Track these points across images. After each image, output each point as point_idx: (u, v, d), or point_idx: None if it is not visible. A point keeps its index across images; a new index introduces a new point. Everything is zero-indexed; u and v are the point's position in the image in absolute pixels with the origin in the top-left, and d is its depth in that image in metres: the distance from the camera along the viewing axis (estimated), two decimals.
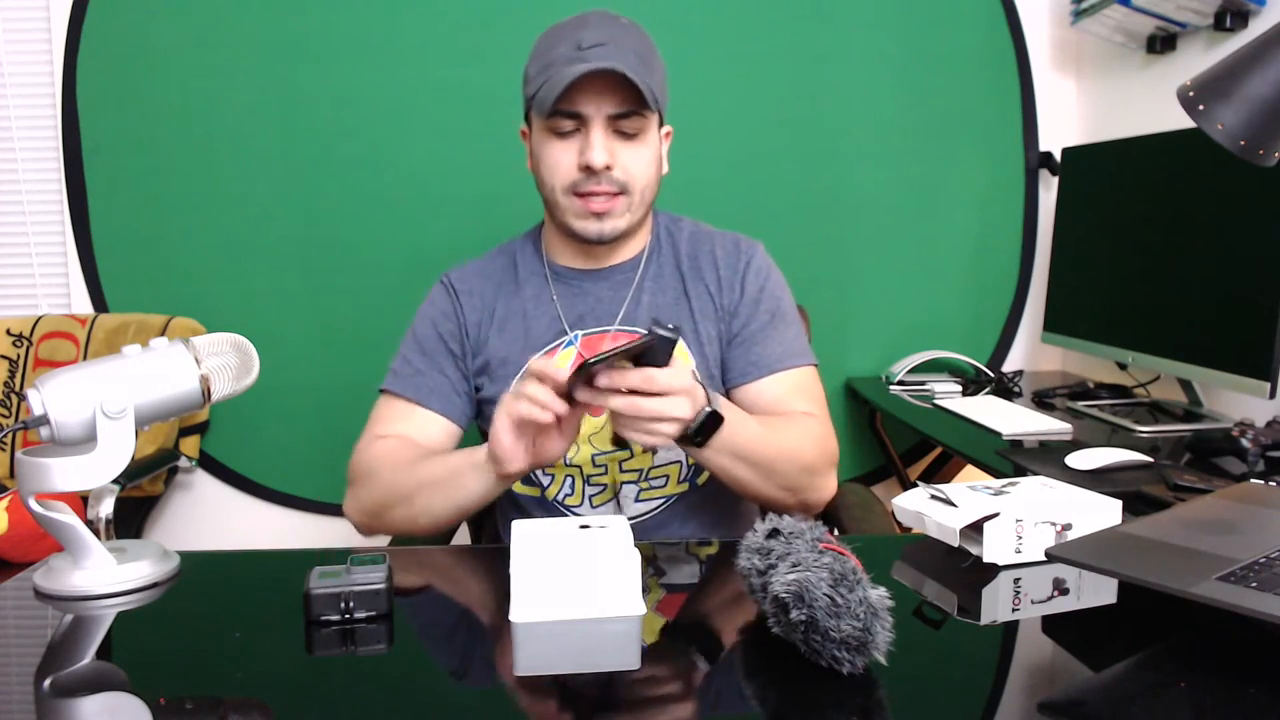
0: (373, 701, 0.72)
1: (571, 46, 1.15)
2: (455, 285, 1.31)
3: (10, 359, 2.05)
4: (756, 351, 1.26)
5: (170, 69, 2.06)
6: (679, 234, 1.32)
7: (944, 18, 2.13)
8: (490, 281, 1.31)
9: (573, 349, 1.26)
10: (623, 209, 1.20)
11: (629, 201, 1.20)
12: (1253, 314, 1.44)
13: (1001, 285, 2.24)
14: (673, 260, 1.30)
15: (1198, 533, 0.85)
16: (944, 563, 0.95)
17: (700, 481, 1.27)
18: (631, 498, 1.26)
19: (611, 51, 1.14)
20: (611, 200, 1.19)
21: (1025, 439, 1.56)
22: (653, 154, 1.22)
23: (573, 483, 1.26)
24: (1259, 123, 0.89)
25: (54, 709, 0.71)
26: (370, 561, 0.87)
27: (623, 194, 1.20)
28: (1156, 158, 1.71)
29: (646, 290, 1.28)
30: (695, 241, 1.31)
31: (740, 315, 1.27)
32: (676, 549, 1.06)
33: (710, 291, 1.28)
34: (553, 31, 1.21)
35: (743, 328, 1.27)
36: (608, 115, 1.16)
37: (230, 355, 0.98)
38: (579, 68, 1.13)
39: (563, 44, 1.17)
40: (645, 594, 0.88)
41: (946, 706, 0.71)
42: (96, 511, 1.55)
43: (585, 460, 1.24)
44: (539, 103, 1.17)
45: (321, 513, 2.21)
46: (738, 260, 1.29)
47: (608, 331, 1.27)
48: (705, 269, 1.29)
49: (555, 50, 1.17)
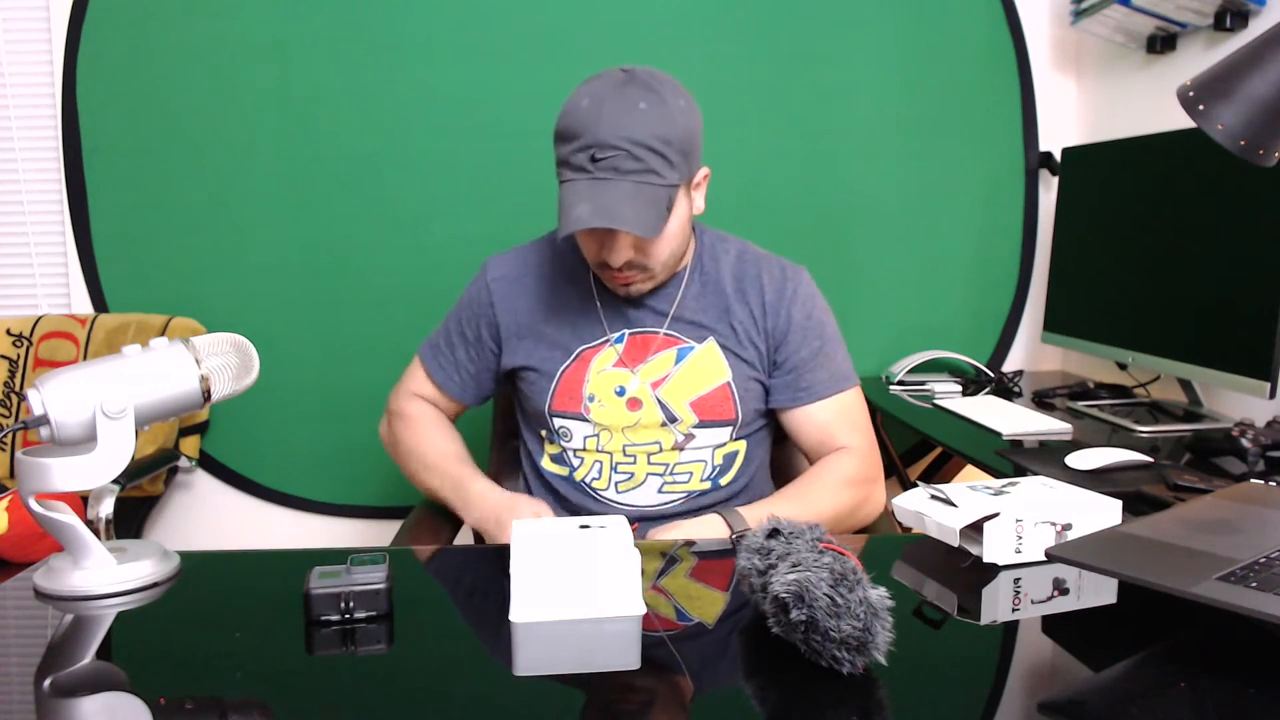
0: (373, 701, 0.72)
1: (585, 155, 1.15)
2: (491, 276, 1.39)
3: (10, 359, 2.05)
4: (807, 379, 1.33)
5: (170, 69, 2.06)
6: (724, 253, 1.37)
7: (944, 18, 2.13)
8: (533, 272, 1.38)
9: (616, 349, 1.32)
10: (645, 279, 1.28)
11: (651, 274, 1.27)
12: (1253, 314, 1.44)
13: (1001, 285, 2.24)
14: (716, 276, 1.36)
15: (1198, 533, 0.85)
16: (944, 563, 0.95)
17: (724, 482, 1.34)
18: (654, 489, 1.32)
19: (624, 161, 1.15)
20: (633, 277, 1.26)
21: (1025, 439, 1.56)
22: (677, 229, 1.25)
23: (601, 467, 1.32)
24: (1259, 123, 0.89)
25: (54, 709, 0.71)
26: (370, 561, 0.87)
27: (644, 271, 1.26)
28: (1156, 158, 1.71)
29: (691, 302, 1.34)
30: (742, 263, 1.37)
31: (790, 343, 1.33)
32: (676, 549, 1.06)
33: (754, 314, 1.34)
34: (574, 111, 1.18)
35: (793, 353, 1.33)
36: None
37: (230, 355, 0.98)
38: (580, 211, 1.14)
39: (580, 142, 1.16)
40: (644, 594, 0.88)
41: (946, 706, 0.71)
42: (96, 511, 1.54)
43: (616, 449, 1.31)
44: (559, 209, 1.18)
45: (321, 513, 2.21)
46: (784, 286, 1.34)
47: (655, 335, 1.32)
48: (750, 291, 1.34)
49: (571, 148, 1.17)
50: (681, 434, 1.31)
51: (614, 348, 1.32)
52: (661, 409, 1.30)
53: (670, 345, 1.32)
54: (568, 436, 1.34)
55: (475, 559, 1.15)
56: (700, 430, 1.31)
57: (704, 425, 1.31)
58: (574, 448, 1.33)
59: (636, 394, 1.30)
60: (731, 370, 1.32)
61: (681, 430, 1.31)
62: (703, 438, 1.32)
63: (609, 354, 1.32)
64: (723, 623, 0.87)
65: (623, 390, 1.30)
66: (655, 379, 1.30)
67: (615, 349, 1.32)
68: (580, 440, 1.33)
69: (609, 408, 1.31)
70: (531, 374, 1.35)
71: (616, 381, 1.31)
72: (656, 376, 1.31)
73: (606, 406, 1.31)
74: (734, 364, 1.32)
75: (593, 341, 1.33)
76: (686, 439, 1.31)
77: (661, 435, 1.31)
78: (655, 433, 1.31)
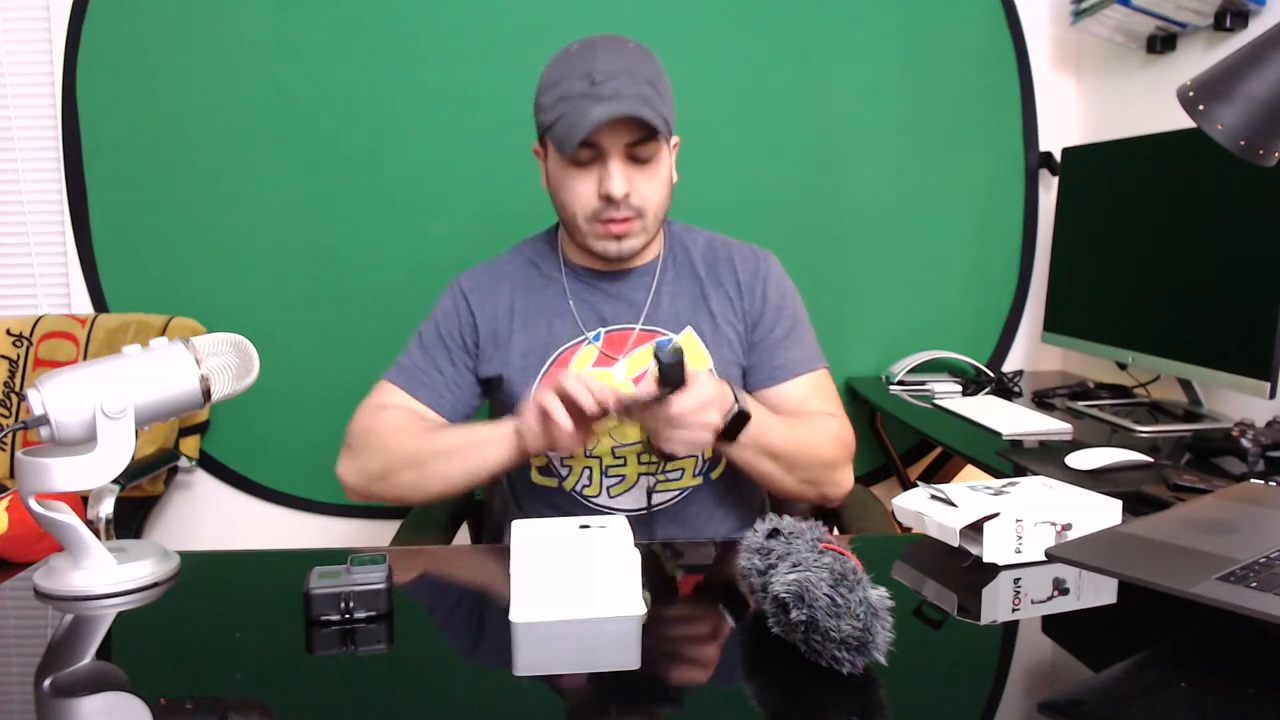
0: (373, 701, 0.72)
1: (584, 80, 1.17)
2: (464, 287, 1.36)
3: (10, 359, 2.05)
4: (781, 357, 1.33)
5: (170, 69, 2.06)
6: (693, 243, 1.38)
7: (944, 17, 2.13)
8: (507, 280, 1.36)
9: (595, 346, 1.31)
10: (639, 230, 1.27)
11: (644, 223, 1.27)
12: (1253, 314, 1.44)
13: (1001, 285, 2.24)
14: (689, 265, 1.36)
15: (1198, 533, 0.85)
16: (944, 563, 0.95)
17: (715, 475, 1.33)
18: (647, 488, 1.30)
19: (625, 85, 1.17)
20: (629, 223, 1.25)
21: (1025, 439, 1.56)
22: (665, 176, 1.27)
23: (591, 474, 1.30)
24: (1259, 123, 0.89)
25: (54, 709, 0.71)
26: (370, 561, 0.87)
27: (639, 217, 1.25)
28: (1156, 158, 1.71)
29: (665, 292, 1.34)
30: (712, 249, 1.38)
31: (764, 323, 1.34)
32: (676, 549, 1.06)
33: (730, 296, 1.34)
34: (562, 59, 1.22)
35: (767, 334, 1.34)
36: (624, 144, 1.20)
37: (230, 355, 0.98)
38: (597, 112, 1.15)
39: (575, 76, 1.18)
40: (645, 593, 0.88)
41: (946, 706, 0.71)
42: (96, 511, 1.55)
43: (605, 452, 1.29)
44: (557, 139, 1.20)
45: (321, 513, 2.21)
46: (757, 267, 1.36)
47: (631, 330, 1.31)
48: (724, 275, 1.36)
49: (568, 83, 1.18)
50: None
51: (593, 345, 1.31)
52: None
53: (648, 339, 1.31)
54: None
55: (475, 559, 1.15)
56: None
57: None
58: (561, 456, 1.30)
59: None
60: (712, 358, 1.31)
61: None
62: None
63: (588, 352, 1.30)
64: (723, 623, 0.87)
65: None
66: (636, 374, 1.29)
67: (594, 346, 1.31)
68: None
69: None
70: (512, 381, 1.32)
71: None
72: (637, 371, 1.29)
73: None
74: (714, 352, 1.31)
75: (570, 341, 1.31)
76: None
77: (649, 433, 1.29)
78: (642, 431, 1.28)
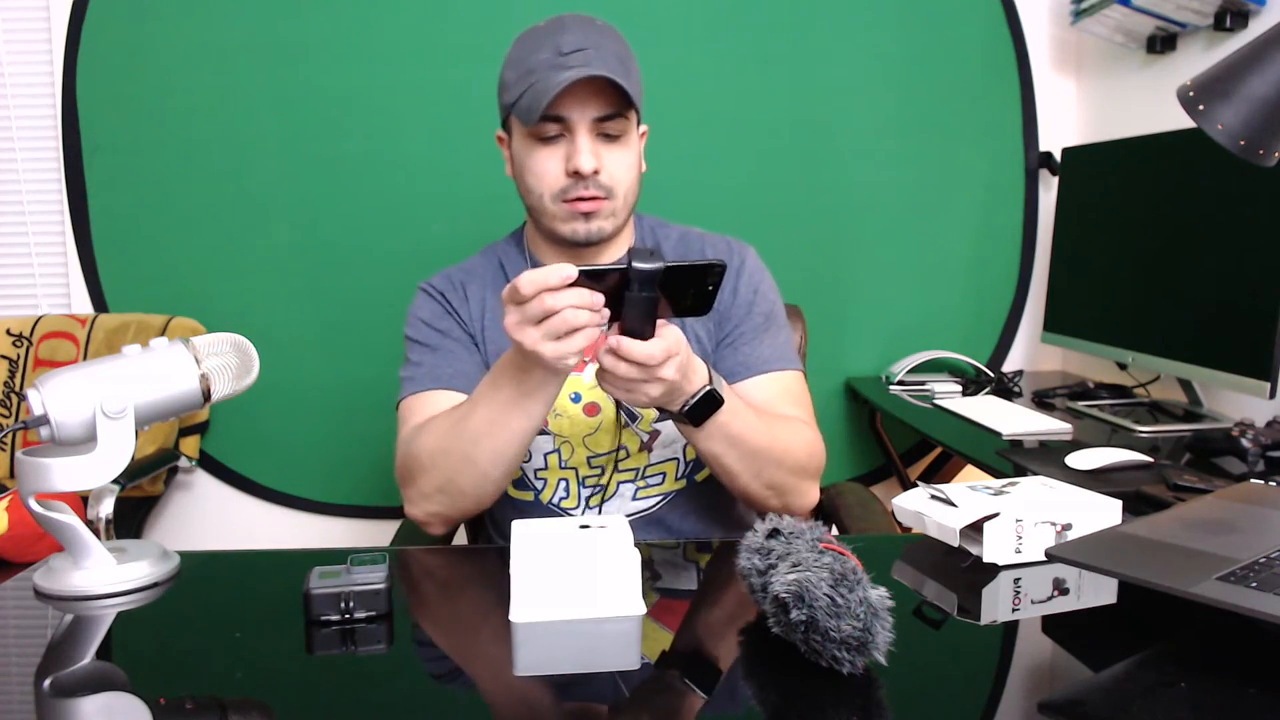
0: (373, 701, 0.72)
1: (552, 52, 1.15)
2: (438, 287, 1.31)
3: (10, 359, 2.05)
4: (745, 352, 1.26)
5: (170, 69, 2.06)
6: (666, 237, 1.33)
7: (944, 18, 2.13)
8: (476, 279, 1.32)
9: None
10: (608, 211, 1.21)
11: (613, 205, 1.22)
12: (1253, 314, 1.44)
13: (1001, 285, 2.24)
14: None
15: (1198, 533, 0.85)
16: (944, 563, 0.95)
17: (699, 479, 1.28)
18: (628, 496, 1.26)
19: (593, 56, 1.14)
20: (598, 202, 1.20)
21: (1025, 439, 1.55)
22: (635, 155, 1.23)
23: (567, 485, 1.26)
24: (1259, 123, 0.89)
25: (54, 709, 0.71)
26: (370, 561, 0.87)
27: (608, 198, 1.21)
28: (1156, 158, 1.71)
29: None
30: (685, 243, 1.33)
31: (733, 318, 1.28)
32: (676, 550, 1.06)
33: None
34: (529, 36, 1.20)
35: (735, 329, 1.27)
36: (592, 119, 1.17)
37: (230, 355, 0.98)
38: (565, 75, 1.12)
39: (542, 49, 1.16)
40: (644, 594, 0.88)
41: (946, 706, 0.71)
42: (96, 511, 1.55)
43: (581, 462, 1.25)
44: (523, 110, 1.17)
45: (321, 513, 2.21)
46: (731, 259, 1.29)
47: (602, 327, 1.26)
48: None
49: (535, 56, 1.16)
50: (645, 433, 1.25)
51: None
52: (619, 408, 1.24)
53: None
54: (526, 457, 1.20)
55: (475, 559, 1.15)
56: (664, 425, 1.25)
57: (666, 418, 1.22)
58: (535, 468, 1.25)
59: (593, 397, 1.24)
60: None
61: (644, 429, 1.25)
62: (669, 433, 1.25)
63: None
64: (723, 623, 0.87)
65: (578, 396, 1.24)
66: None
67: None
68: (541, 459, 1.24)
69: (566, 417, 1.24)
70: None
71: (571, 387, 1.24)
72: None
73: (564, 416, 1.24)
74: None
75: None
76: (651, 437, 1.25)
77: (626, 439, 1.25)
78: (618, 437, 1.25)
